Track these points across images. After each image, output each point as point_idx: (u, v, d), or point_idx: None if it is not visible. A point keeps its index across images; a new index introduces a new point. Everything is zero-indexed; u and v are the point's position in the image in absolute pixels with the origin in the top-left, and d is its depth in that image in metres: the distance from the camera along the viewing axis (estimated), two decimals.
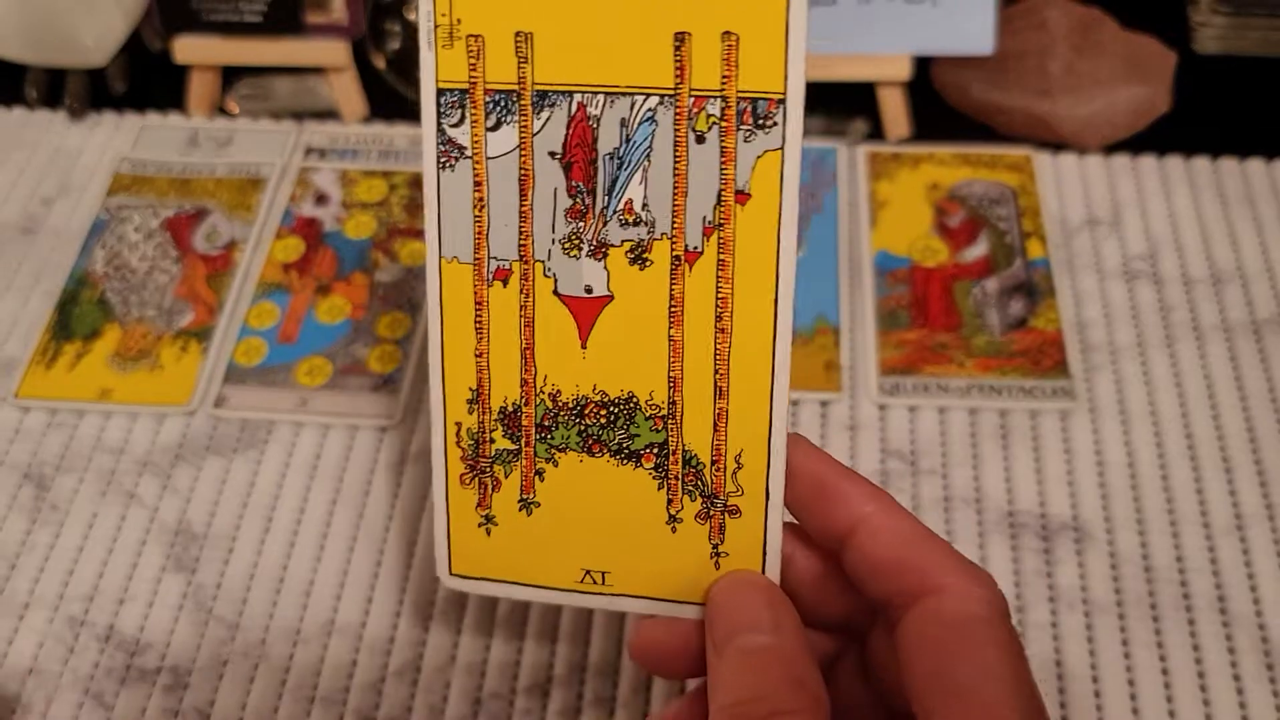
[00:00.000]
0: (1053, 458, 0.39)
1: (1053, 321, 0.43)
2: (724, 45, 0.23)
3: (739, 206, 0.23)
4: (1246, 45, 0.52)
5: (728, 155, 0.23)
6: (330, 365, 0.43)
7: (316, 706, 0.35)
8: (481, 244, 0.25)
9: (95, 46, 0.52)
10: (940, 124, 0.50)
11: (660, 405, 0.25)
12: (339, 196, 0.48)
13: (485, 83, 0.24)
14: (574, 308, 0.25)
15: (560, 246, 0.24)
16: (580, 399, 0.25)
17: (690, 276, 0.24)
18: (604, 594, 0.26)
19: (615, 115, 0.24)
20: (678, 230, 0.24)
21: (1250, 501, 0.38)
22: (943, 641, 0.21)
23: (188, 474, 0.40)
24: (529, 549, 0.26)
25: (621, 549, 0.26)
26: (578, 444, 0.25)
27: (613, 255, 0.24)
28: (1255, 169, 0.48)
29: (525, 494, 0.26)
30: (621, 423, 0.25)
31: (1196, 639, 0.35)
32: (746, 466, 0.25)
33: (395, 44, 0.56)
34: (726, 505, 0.25)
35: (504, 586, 0.27)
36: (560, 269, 0.24)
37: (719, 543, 0.25)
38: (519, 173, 0.24)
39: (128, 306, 0.45)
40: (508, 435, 0.26)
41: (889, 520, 0.23)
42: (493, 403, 0.26)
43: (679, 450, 0.25)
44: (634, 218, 0.24)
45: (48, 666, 0.36)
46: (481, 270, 0.25)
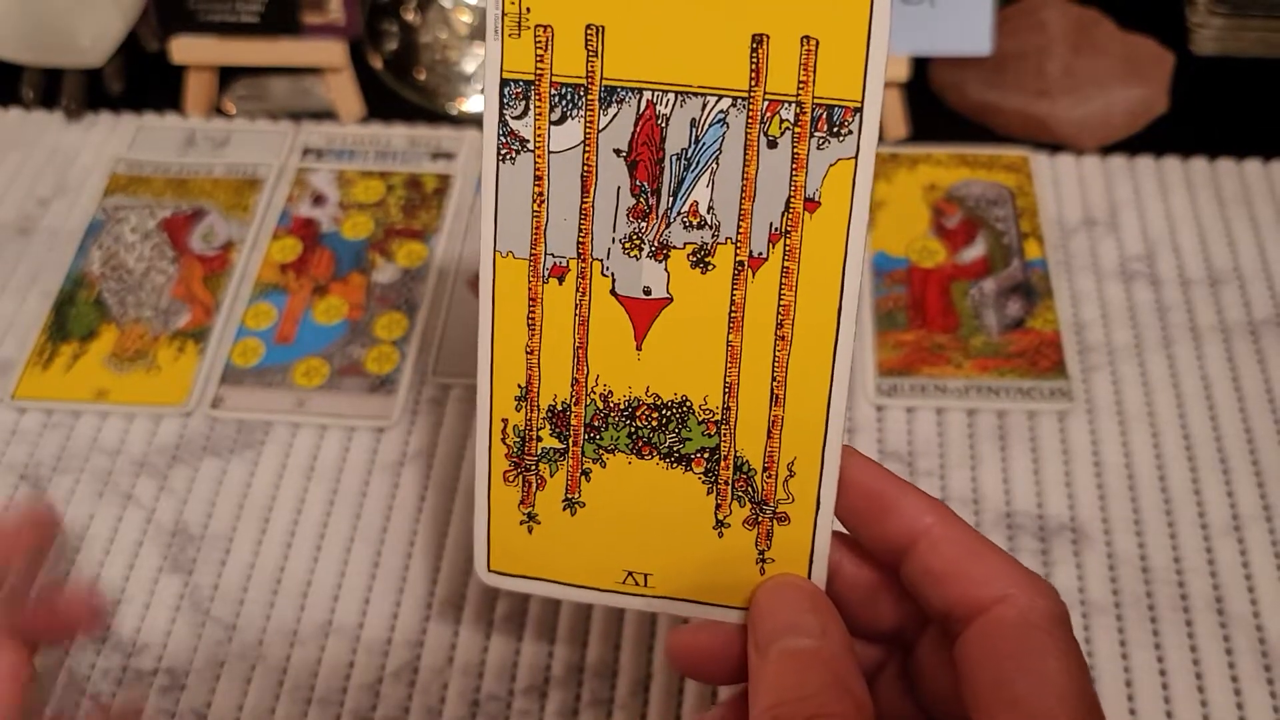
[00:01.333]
0: (1050, 458, 0.39)
1: (1050, 322, 0.43)
2: (803, 50, 0.22)
3: (808, 214, 0.23)
4: (1244, 46, 0.52)
5: (799, 162, 0.23)
6: (327, 366, 0.43)
7: (314, 707, 0.35)
8: (539, 239, 0.24)
9: (92, 47, 0.52)
10: (938, 125, 0.50)
11: (714, 410, 0.25)
12: (336, 197, 0.48)
13: (552, 75, 0.23)
14: (631, 308, 0.24)
15: (620, 246, 0.24)
16: (632, 400, 0.25)
17: (753, 283, 0.24)
18: (646, 595, 0.26)
19: (685, 115, 0.23)
20: (743, 235, 0.23)
21: (1248, 502, 0.38)
22: (1005, 651, 0.21)
23: (184, 475, 0.40)
24: (571, 548, 0.26)
25: (666, 552, 0.25)
26: (627, 445, 0.25)
27: (674, 257, 0.24)
28: (1252, 170, 0.48)
29: (570, 493, 0.26)
30: (673, 426, 0.25)
31: (1194, 639, 0.35)
32: (799, 474, 0.24)
33: (392, 44, 0.56)
34: (776, 512, 0.25)
35: (543, 585, 0.26)
36: (619, 269, 0.24)
37: (765, 549, 0.25)
38: (582, 169, 0.24)
39: (124, 307, 0.45)
40: (555, 434, 0.25)
41: (950, 531, 0.23)
42: (541, 401, 0.25)
43: (731, 456, 0.25)
44: (698, 220, 0.24)
45: (44, 667, 0.36)
46: (537, 266, 0.24)
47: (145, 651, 0.36)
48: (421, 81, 0.54)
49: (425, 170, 0.49)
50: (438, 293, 0.45)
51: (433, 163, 0.49)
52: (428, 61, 0.53)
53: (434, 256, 0.46)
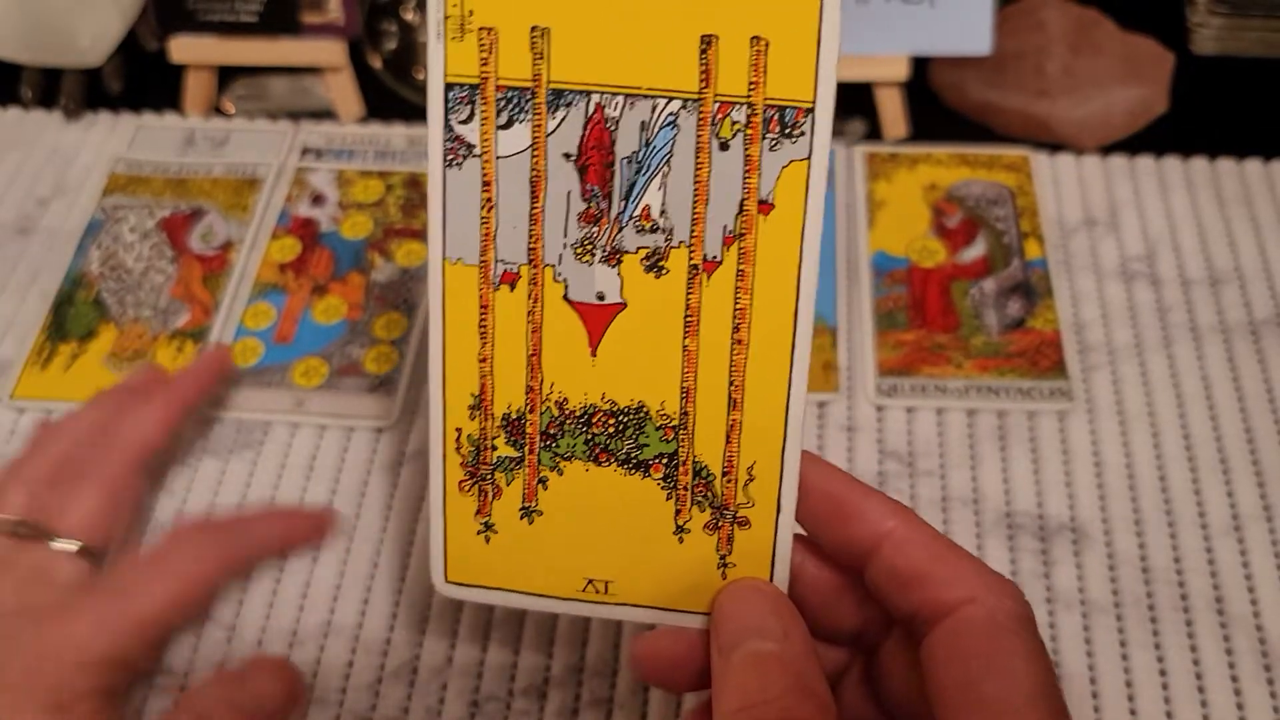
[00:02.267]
0: (1050, 458, 0.39)
1: (1050, 322, 0.43)
2: (753, 50, 0.22)
3: (761, 217, 0.23)
4: (1244, 46, 0.52)
5: (752, 164, 0.23)
6: (326, 366, 0.43)
7: (313, 708, 0.35)
8: (488, 246, 0.24)
9: (91, 46, 0.51)
10: (938, 124, 0.50)
11: (671, 415, 0.24)
12: (335, 197, 0.48)
13: (497, 78, 0.23)
14: (585, 314, 0.24)
15: (572, 251, 0.24)
16: (588, 407, 0.25)
17: (708, 286, 0.24)
18: (607, 603, 0.26)
19: (635, 118, 0.23)
20: (696, 239, 0.23)
21: (1248, 502, 0.38)
22: (971, 653, 0.21)
23: (184, 474, 0.40)
24: (529, 557, 0.26)
25: (626, 558, 0.25)
26: (584, 453, 0.25)
27: (627, 262, 0.24)
28: (1252, 169, 0.48)
29: (527, 502, 0.26)
30: (630, 432, 0.25)
31: (1194, 639, 0.35)
32: (759, 479, 0.24)
33: (392, 44, 0.56)
34: (736, 517, 0.25)
35: (502, 595, 0.26)
36: (572, 274, 0.24)
37: (726, 554, 0.25)
38: (530, 173, 0.23)
39: (123, 307, 0.45)
40: (510, 442, 0.25)
41: (914, 534, 0.23)
42: (495, 409, 0.25)
43: (689, 461, 0.25)
44: (651, 224, 0.23)
45: None
46: (488, 273, 0.24)
47: None
48: (421, 81, 0.54)
49: (424, 170, 0.49)
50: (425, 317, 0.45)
51: None
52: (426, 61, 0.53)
53: None
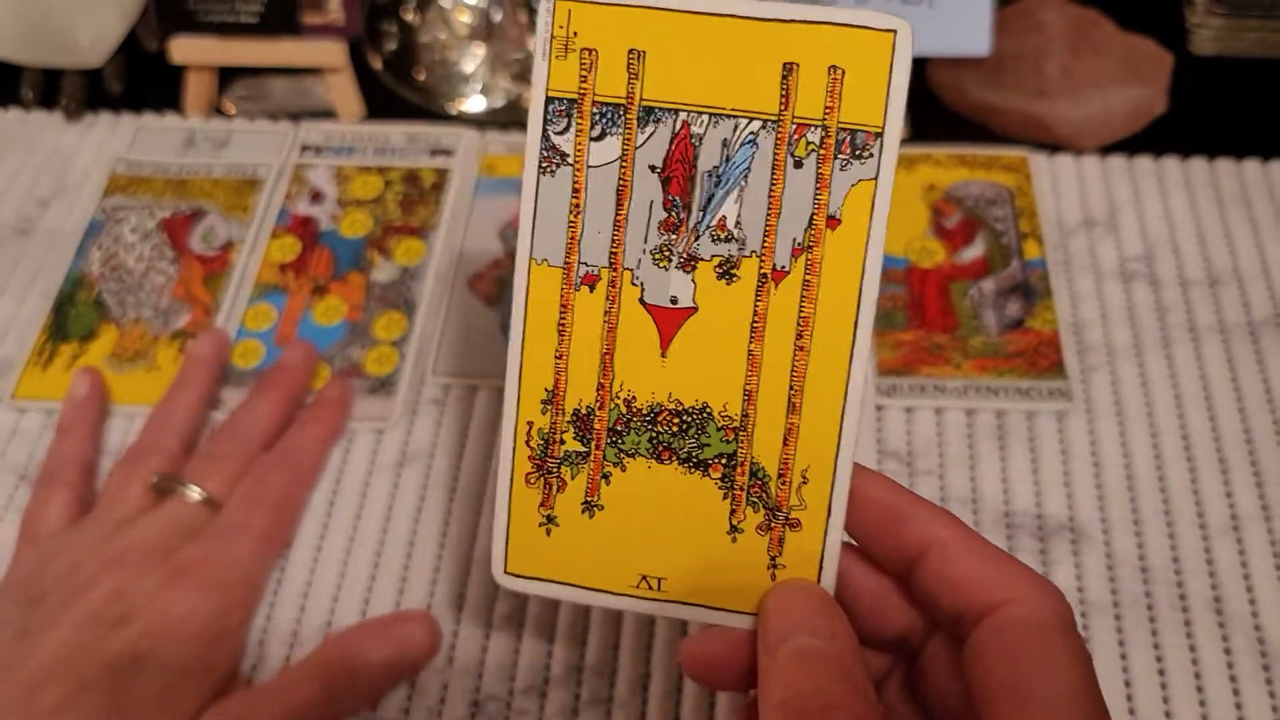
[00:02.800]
0: (1049, 458, 0.39)
1: (1049, 322, 0.43)
2: (829, 78, 0.24)
3: (829, 231, 0.24)
4: (1243, 46, 0.52)
5: (823, 182, 0.24)
6: (327, 368, 0.43)
7: None
8: (573, 249, 0.25)
9: (91, 47, 0.52)
10: (937, 125, 0.50)
11: (733, 417, 0.25)
12: (334, 193, 0.48)
13: (594, 95, 0.25)
14: (658, 317, 0.25)
15: (651, 257, 0.25)
16: (655, 406, 0.26)
17: (775, 294, 0.25)
18: (659, 599, 0.26)
19: (718, 135, 0.24)
20: (767, 249, 0.25)
21: (1246, 502, 0.38)
22: (1015, 649, 0.21)
23: None
24: (587, 551, 0.27)
25: (680, 556, 0.26)
26: (648, 450, 0.26)
27: (701, 269, 0.25)
28: (1251, 170, 0.48)
29: (590, 496, 0.26)
30: (693, 432, 0.26)
31: (1193, 640, 0.35)
32: (812, 482, 0.25)
33: (392, 45, 0.56)
34: (789, 519, 0.25)
35: (558, 588, 0.27)
36: (648, 278, 0.25)
37: (777, 555, 0.26)
38: (618, 183, 0.25)
39: (124, 307, 0.45)
40: (578, 437, 0.26)
41: (963, 541, 0.23)
42: (567, 404, 0.26)
43: (747, 462, 0.25)
44: (726, 234, 0.25)
45: None
46: (570, 274, 0.25)
47: None
48: (421, 82, 0.54)
49: (423, 165, 0.49)
50: (437, 292, 0.45)
51: (431, 158, 0.49)
52: (427, 62, 0.53)
53: (433, 254, 0.46)
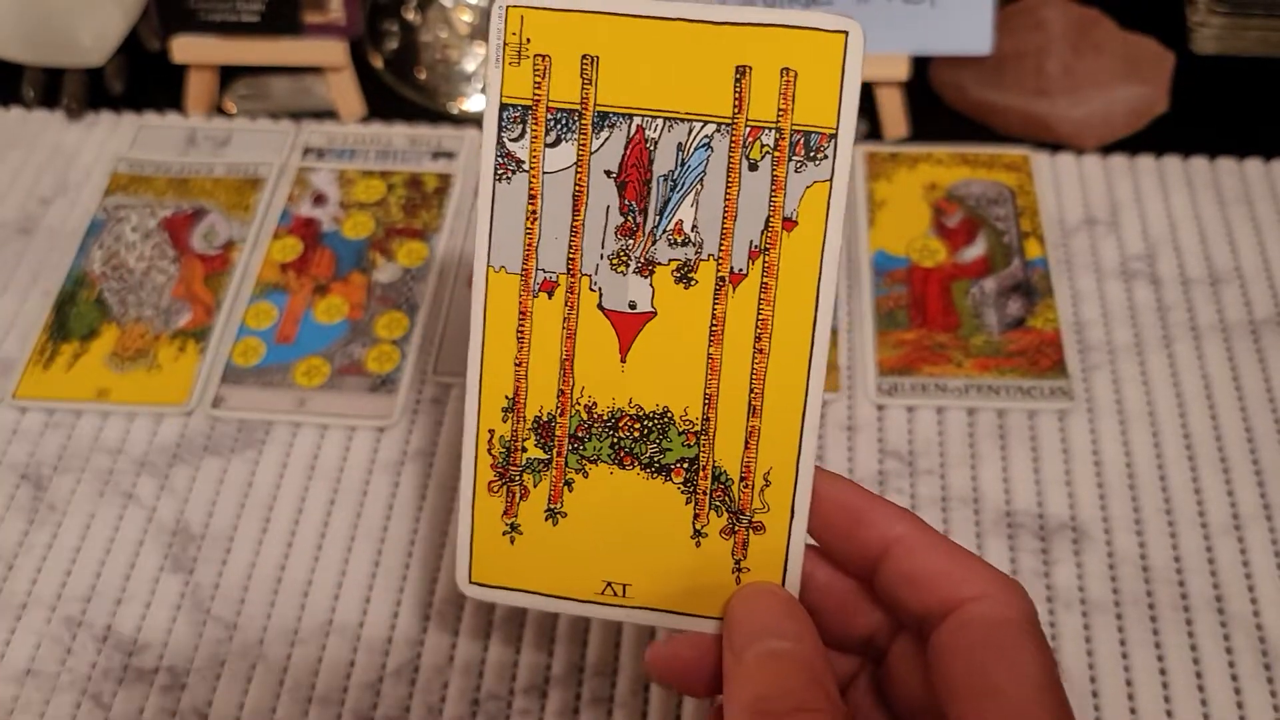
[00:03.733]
0: (1050, 458, 0.39)
1: (1050, 321, 0.43)
2: (782, 80, 0.24)
3: (785, 233, 0.24)
4: (1244, 45, 0.52)
5: (778, 184, 0.24)
6: (328, 366, 0.43)
7: (314, 706, 0.35)
8: (531, 255, 0.25)
9: (93, 46, 0.52)
10: (938, 124, 0.50)
11: (694, 421, 0.25)
12: (337, 196, 0.48)
13: (548, 101, 0.25)
14: (617, 322, 0.25)
15: (608, 262, 0.25)
16: (615, 412, 0.26)
17: (733, 297, 0.25)
18: (624, 606, 0.26)
19: (673, 140, 0.24)
20: (724, 252, 0.25)
21: (1248, 501, 0.38)
22: (977, 645, 0.21)
23: (185, 474, 0.40)
24: (552, 559, 0.26)
25: (644, 562, 0.26)
26: (609, 456, 0.26)
27: (659, 273, 0.25)
28: (1253, 169, 0.48)
29: (553, 504, 0.26)
30: (654, 436, 0.25)
31: (1194, 639, 0.35)
32: (774, 484, 0.25)
33: (393, 44, 0.56)
34: (752, 522, 0.25)
35: (523, 596, 0.27)
36: (606, 284, 0.25)
37: (741, 558, 0.25)
38: (574, 189, 0.25)
39: (125, 306, 0.45)
40: (540, 445, 0.26)
41: (922, 539, 0.23)
42: (528, 412, 0.26)
43: (709, 466, 0.25)
44: (683, 238, 0.25)
45: (45, 667, 0.36)
46: (528, 281, 0.25)
47: (146, 650, 0.36)
48: (422, 81, 0.54)
49: (426, 169, 0.49)
50: (438, 292, 0.45)
51: (433, 162, 0.49)
52: (428, 61, 0.53)
53: (435, 256, 0.46)
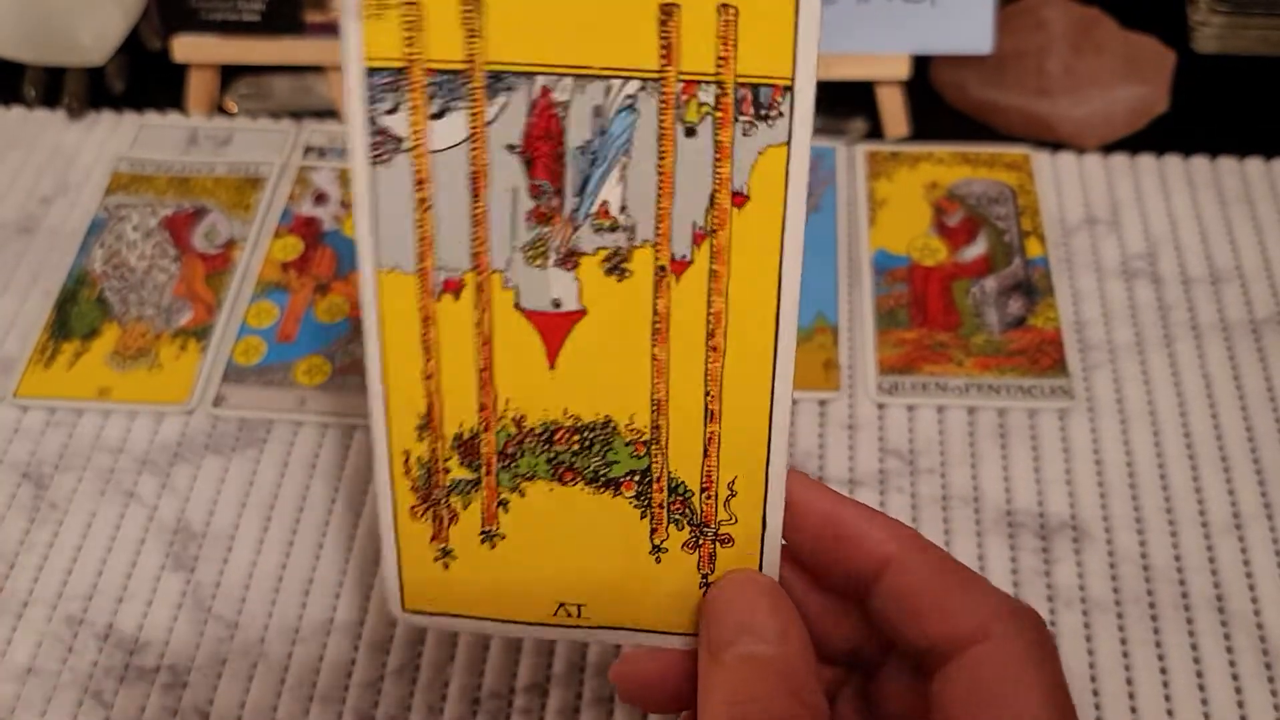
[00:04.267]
0: (1051, 457, 0.39)
1: (1051, 320, 0.43)
2: (720, 20, 0.19)
3: (735, 210, 0.21)
4: (1245, 45, 0.52)
5: (723, 151, 0.20)
6: (329, 364, 0.43)
7: (315, 705, 0.35)
8: (426, 252, 0.21)
9: (94, 45, 0.52)
10: (939, 123, 0.50)
11: (642, 430, 0.22)
12: (338, 195, 0.48)
13: (426, 61, 0.20)
14: (540, 324, 0.22)
15: (522, 255, 0.21)
16: (549, 424, 0.23)
17: (677, 289, 0.21)
18: (584, 626, 0.24)
19: (587, 102, 0.20)
20: (662, 237, 0.21)
21: (1249, 501, 0.38)
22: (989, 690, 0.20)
23: (186, 473, 0.40)
24: (494, 583, 0.24)
25: (599, 581, 0.24)
26: (547, 472, 0.23)
27: (585, 265, 0.21)
28: (1254, 168, 0.48)
29: (487, 525, 0.24)
30: (597, 449, 0.23)
31: (1195, 638, 0.35)
32: (741, 494, 0.23)
33: None
34: (718, 534, 0.23)
35: (468, 622, 0.24)
36: (523, 280, 0.21)
37: (709, 572, 0.23)
38: (469, 169, 0.21)
39: (126, 305, 0.45)
40: (465, 464, 0.23)
41: (922, 558, 0.21)
42: (446, 429, 0.23)
43: (664, 477, 0.23)
44: (610, 222, 0.21)
45: (46, 665, 0.36)
46: (426, 282, 0.22)
47: (147, 649, 0.36)
48: None
49: None
50: None
51: None
52: None
53: None
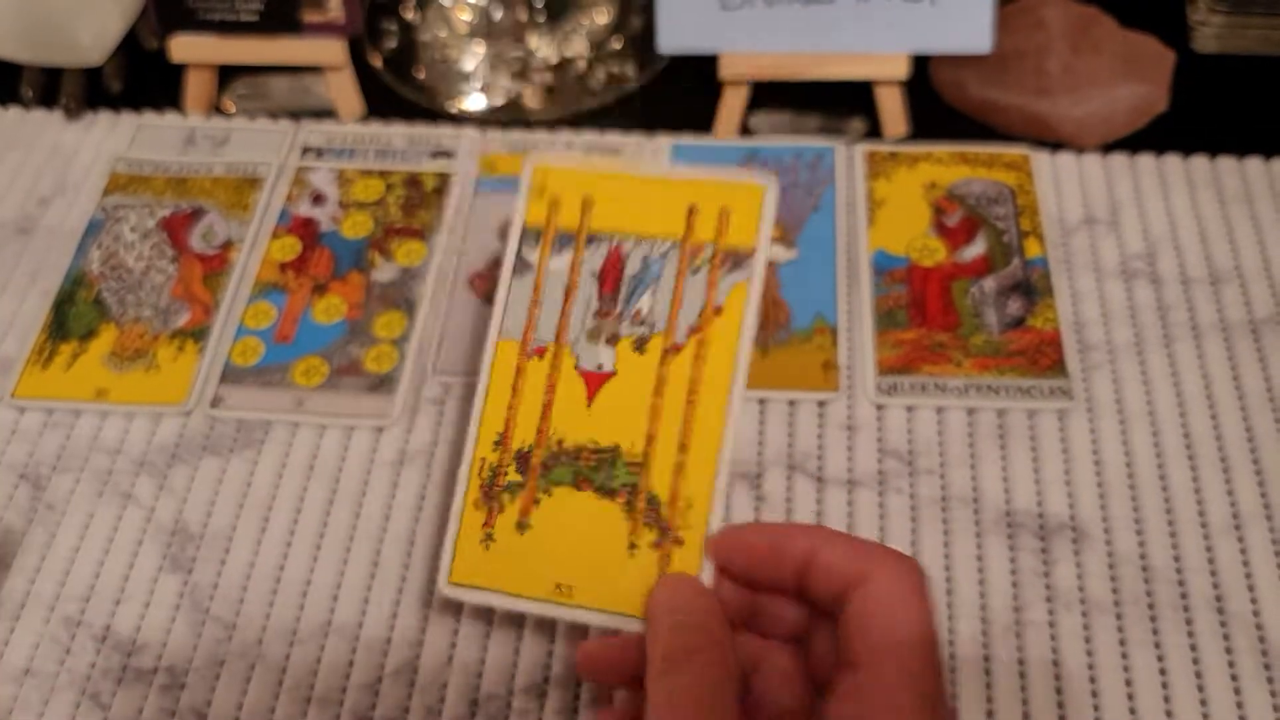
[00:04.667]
0: (1050, 457, 0.39)
1: (1050, 321, 0.43)
2: (719, 216, 0.34)
3: (715, 317, 0.33)
4: (1244, 44, 0.52)
5: (712, 283, 0.34)
6: (327, 365, 0.43)
7: (313, 707, 0.35)
8: (530, 329, 0.34)
9: (91, 45, 0.52)
10: (938, 123, 0.50)
11: (637, 455, 0.32)
12: (335, 196, 0.48)
13: (556, 227, 0.35)
14: (587, 378, 0.34)
15: (585, 335, 0.34)
16: (579, 447, 0.33)
17: (674, 362, 0.33)
18: (567, 605, 0.32)
19: (640, 252, 0.35)
20: (670, 330, 0.34)
21: (1248, 501, 0.38)
22: (874, 615, 0.27)
23: (184, 474, 0.40)
24: (516, 563, 0.32)
25: (587, 567, 0.32)
26: (570, 480, 0.33)
27: (622, 343, 0.34)
28: (1253, 168, 0.48)
29: (523, 517, 0.33)
30: (606, 466, 0.32)
31: (1194, 639, 0.35)
32: (694, 507, 0.32)
33: (392, 43, 0.56)
34: (676, 537, 0.31)
35: (489, 595, 0.32)
36: (583, 351, 0.34)
37: (665, 567, 0.31)
38: (565, 284, 0.35)
39: (124, 306, 0.45)
40: (519, 470, 0.33)
41: (830, 540, 0.28)
42: (513, 445, 0.33)
43: (645, 491, 0.32)
44: (641, 320, 0.34)
45: (44, 667, 0.36)
46: (526, 347, 0.34)
47: (145, 650, 0.36)
48: (421, 80, 0.54)
49: (425, 169, 0.49)
50: (437, 292, 0.45)
51: (432, 161, 0.49)
52: (427, 60, 0.53)
53: (433, 255, 0.46)
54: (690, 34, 0.48)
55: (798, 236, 0.46)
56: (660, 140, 0.50)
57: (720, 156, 0.49)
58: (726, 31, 0.48)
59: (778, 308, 0.44)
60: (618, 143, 0.50)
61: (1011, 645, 0.35)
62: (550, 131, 0.51)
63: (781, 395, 0.41)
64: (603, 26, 0.56)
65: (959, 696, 0.35)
